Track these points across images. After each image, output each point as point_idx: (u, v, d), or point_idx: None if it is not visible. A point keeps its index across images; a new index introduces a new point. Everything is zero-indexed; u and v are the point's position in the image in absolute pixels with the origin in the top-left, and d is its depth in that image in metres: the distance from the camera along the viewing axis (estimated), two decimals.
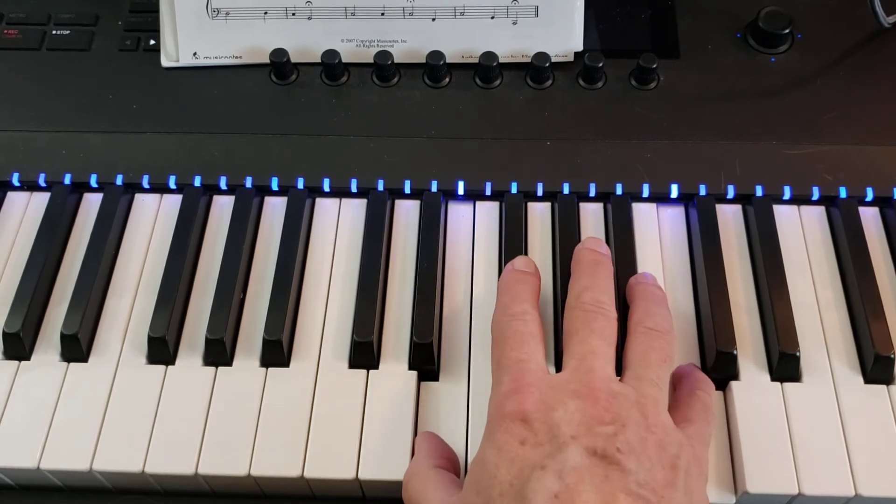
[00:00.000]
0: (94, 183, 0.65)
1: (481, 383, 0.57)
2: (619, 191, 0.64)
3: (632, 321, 0.54)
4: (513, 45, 0.69)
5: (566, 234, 0.62)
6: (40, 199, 0.66)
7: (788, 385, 0.56)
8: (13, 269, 0.63)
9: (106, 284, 0.62)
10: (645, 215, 0.64)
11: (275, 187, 0.65)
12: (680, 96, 0.68)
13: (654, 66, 0.67)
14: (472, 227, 0.64)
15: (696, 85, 0.68)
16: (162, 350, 0.58)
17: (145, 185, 0.65)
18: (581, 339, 0.51)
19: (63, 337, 0.58)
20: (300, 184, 0.65)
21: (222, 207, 0.66)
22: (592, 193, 0.64)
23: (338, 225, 0.65)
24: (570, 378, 0.49)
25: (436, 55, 0.67)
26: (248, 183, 0.65)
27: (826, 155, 0.65)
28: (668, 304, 0.56)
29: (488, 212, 0.65)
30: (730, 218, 0.64)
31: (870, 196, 0.63)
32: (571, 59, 0.69)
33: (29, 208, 0.66)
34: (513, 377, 0.49)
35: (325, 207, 0.65)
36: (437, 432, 0.55)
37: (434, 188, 0.64)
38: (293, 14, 0.68)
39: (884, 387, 0.57)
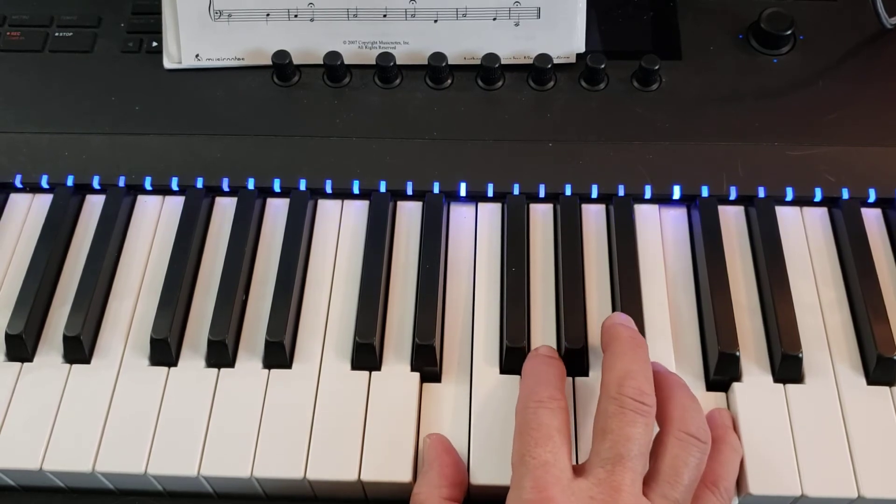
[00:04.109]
0: (96, 184, 0.65)
1: (483, 385, 0.57)
2: (621, 192, 0.64)
3: (669, 419, 0.50)
4: (515, 46, 0.69)
5: (568, 236, 0.62)
6: (43, 201, 0.66)
7: (791, 386, 0.56)
8: (16, 270, 0.63)
9: (108, 286, 0.62)
10: (647, 217, 0.64)
11: (277, 189, 0.65)
12: (682, 97, 0.68)
13: (656, 67, 0.67)
14: (475, 228, 0.64)
15: (698, 86, 0.68)
16: (164, 352, 0.58)
17: (147, 186, 0.65)
18: (614, 444, 0.47)
19: (65, 339, 0.58)
20: (302, 185, 0.65)
21: (224, 209, 0.66)
22: (594, 195, 0.64)
23: (340, 226, 0.65)
24: (594, 494, 0.46)
25: (438, 57, 0.67)
26: (251, 184, 0.65)
27: (828, 156, 0.65)
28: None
29: (490, 213, 0.65)
30: (732, 219, 0.64)
31: (872, 197, 0.63)
32: (573, 60, 0.69)
33: (31, 210, 0.66)
34: (535, 484, 0.47)
35: (328, 209, 0.65)
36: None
37: (436, 189, 0.64)
38: (295, 16, 0.68)
39: (886, 388, 0.56)
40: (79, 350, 0.58)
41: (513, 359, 0.57)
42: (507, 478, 0.50)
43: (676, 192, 0.64)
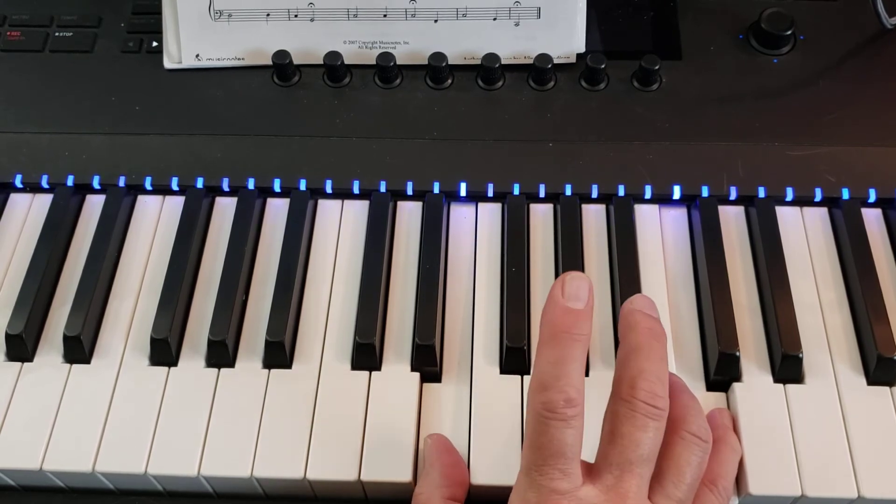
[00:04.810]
0: (96, 184, 0.65)
1: (483, 385, 0.57)
2: (621, 192, 0.64)
3: (672, 419, 0.49)
4: (515, 46, 0.68)
5: (568, 236, 0.62)
6: (43, 201, 0.66)
7: (791, 386, 0.56)
8: (16, 270, 0.63)
9: (108, 286, 0.62)
10: (647, 217, 0.64)
11: (277, 189, 0.65)
12: (682, 98, 0.68)
13: (657, 67, 0.67)
14: (475, 228, 0.64)
15: (698, 86, 0.68)
16: (164, 352, 0.58)
17: (148, 186, 0.65)
18: (623, 449, 0.46)
19: (66, 338, 0.58)
20: (302, 185, 0.65)
21: (224, 209, 0.66)
22: (595, 195, 0.64)
23: (340, 226, 0.65)
24: (601, 502, 0.46)
25: (438, 57, 0.67)
26: (251, 184, 0.65)
27: (828, 156, 0.65)
28: None
29: (490, 213, 0.65)
30: (732, 219, 0.64)
31: (872, 197, 0.63)
32: (574, 60, 0.69)
33: (32, 210, 0.66)
34: (540, 499, 0.46)
35: (328, 209, 0.65)
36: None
37: (436, 189, 0.64)
38: (295, 16, 0.68)
39: (887, 388, 0.56)
40: (79, 350, 0.58)
41: (513, 359, 0.57)
42: (507, 478, 0.50)
43: (676, 193, 0.64)
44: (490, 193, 0.64)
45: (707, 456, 0.49)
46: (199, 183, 0.65)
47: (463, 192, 0.64)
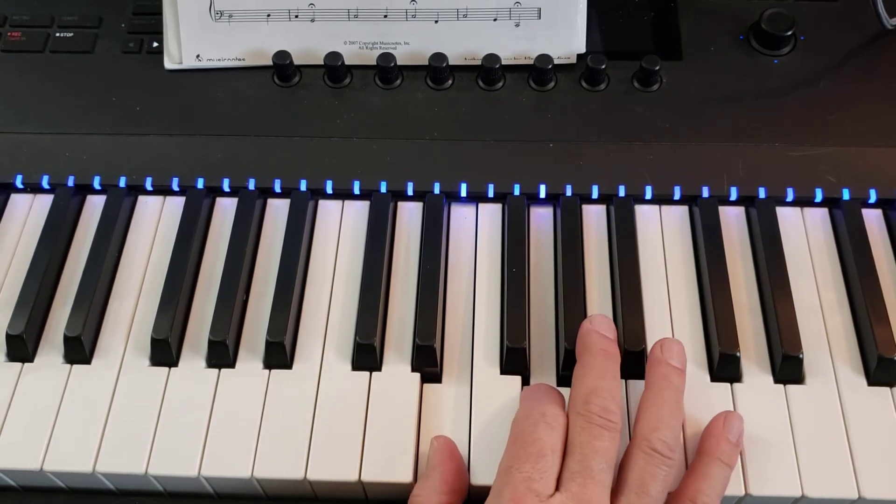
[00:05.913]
0: (97, 185, 0.65)
1: (484, 385, 0.57)
2: (621, 193, 0.64)
3: (638, 431, 0.51)
4: (515, 47, 0.69)
5: (569, 236, 0.62)
6: (43, 201, 0.66)
7: (791, 387, 0.56)
8: (17, 270, 0.63)
9: (109, 286, 0.62)
10: (648, 217, 0.64)
11: (277, 189, 0.65)
12: (683, 98, 0.68)
13: (657, 67, 0.67)
14: (475, 228, 0.64)
15: (698, 87, 0.68)
16: (165, 352, 0.58)
17: (148, 187, 0.65)
18: (583, 458, 0.49)
19: (66, 339, 0.58)
20: (303, 186, 0.65)
21: (225, 209, 0.66)
22: (595, 195, 0.64)
23: (340, 227, 0.65)
24: None
25: (438, 57, 0.67)
26: (251, 185, 0.65)
27: (829, 156, 0.65)
28: (682, 396, 0.53)
29: (491, 213, 0.65)
30: (733, 220, 0.64)
31: (873, 198, 0.63)
32: (574, 60, 0.69)
33: (32, 210, 0.66)
34: (514, 496, 0.48)
35: (328, 209, 0.65)
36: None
37: (437, 190, 0.64)
38: (296, 16, 0.68)
39: (887, 389, 0.56)
40: (79, 350, 0.58)
41: (513, 359, 0.57)
42: None
43: (677, 193, 0.64)
44: (490, 194, 0.64)
45: (673, 470, 0.50)
46: (200, 183, 0.65)
47: (463, 193, 0.64)
